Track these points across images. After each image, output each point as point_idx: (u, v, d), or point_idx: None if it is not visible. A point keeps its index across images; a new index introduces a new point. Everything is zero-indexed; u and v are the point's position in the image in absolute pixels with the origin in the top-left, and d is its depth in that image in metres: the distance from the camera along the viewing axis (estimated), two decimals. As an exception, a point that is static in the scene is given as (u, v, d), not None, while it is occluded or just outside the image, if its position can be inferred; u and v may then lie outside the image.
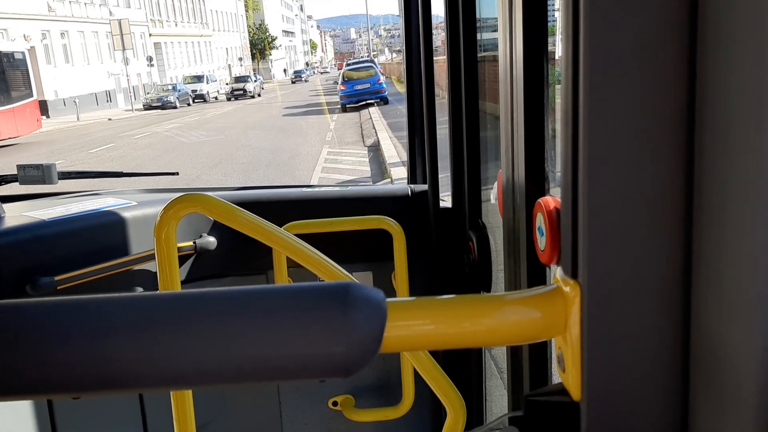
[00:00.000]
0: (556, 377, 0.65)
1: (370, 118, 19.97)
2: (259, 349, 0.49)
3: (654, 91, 0.54)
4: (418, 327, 0.57)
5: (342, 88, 25.88)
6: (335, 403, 2.24)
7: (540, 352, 1.25)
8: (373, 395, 2.28)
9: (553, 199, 0.96)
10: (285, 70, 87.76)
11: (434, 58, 2.04)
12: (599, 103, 0.54)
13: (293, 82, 64.27)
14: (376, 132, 16.37)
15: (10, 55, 21.30)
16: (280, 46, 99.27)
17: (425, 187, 2.12)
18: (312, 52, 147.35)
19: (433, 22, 2.02)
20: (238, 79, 46.45)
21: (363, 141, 16.15)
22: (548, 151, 1.19)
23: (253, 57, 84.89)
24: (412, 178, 2.38)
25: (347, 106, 25.29)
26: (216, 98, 44.35)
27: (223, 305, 0.50)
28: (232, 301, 0.51)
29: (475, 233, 1.70)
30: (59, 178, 2.29)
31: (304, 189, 2.30)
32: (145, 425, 2.04)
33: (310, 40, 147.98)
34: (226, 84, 54.08)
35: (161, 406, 1.71)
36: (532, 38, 1.15)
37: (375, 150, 14.21)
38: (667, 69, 0.54)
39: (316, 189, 2.31)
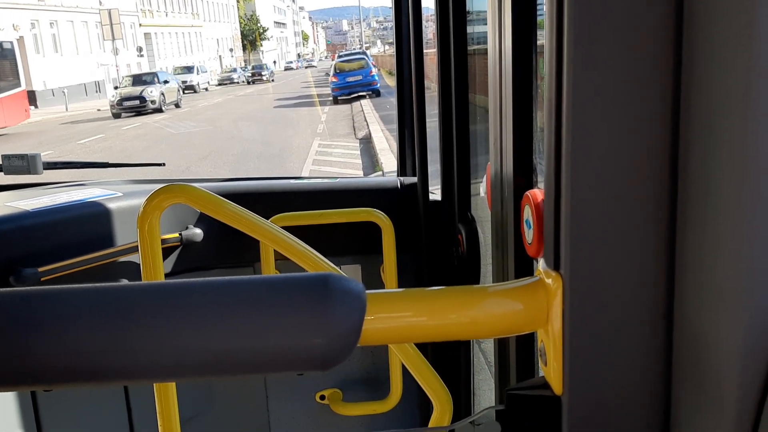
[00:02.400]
0: (542, 371, 0.65)
1: (362, 110, 19.90)
2: (235, 341, 0.48)
3: (638, 84, 0.54)
4: (397, 319, 0.56)
5: (334, 80, 25.73)
6: (323, 397, 2.23)
7: (527, 345, 1.24)
8: (360, 389, 2.27)
9: (541, 191, 0.96)
10: (275, 62, 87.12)
11: (425, 51, 2.05)
12: (583, 96, 0.54)
13: (286, 70, 65.20)
14: (367, 124, 16.33)
15: (-3, 46, 21.14)
16: (272, 37, 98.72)
17: (415, 179, 2.10)
18: (304, 44, 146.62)
19: (424, 14, 2.04)
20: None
21: (355, 133, 16.11)
22: (536, 144, 1.19)
23: (244, 48, 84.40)
24: (401, 171, 2.37)
25: (339, 98, 25.18)
26: (206, 89, 44.04)
27: (199, 296, 0.49)
28: (208, 292, 0.50)
29: (464, 226, 1.69)
30: (44, 169, 2.26)
31: (292, 181, 2.28)
32: (131, 418, 2.03)
33: (302, 31, 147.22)
34: (218, 74, 53.83)
35: (146, 399, 1.68)
36: (521, 31, 1.15)
37: (367, 142, 14.18)
38: (652, 62, 0.53)
39: (305, 181, 2.29)
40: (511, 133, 1.18)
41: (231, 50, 75.83)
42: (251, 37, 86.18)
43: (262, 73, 51.56)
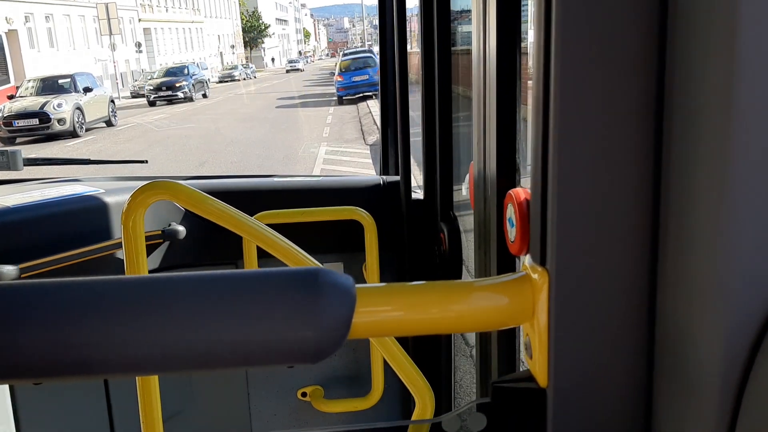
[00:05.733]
0: (525, 365, 0.65)
1: (370, 111, 18.74)
2: (227, 334, 0.48)
3: (623, 82, 0.55)
4: (386, 313, 0.57)
5: (339, 79, 24.58)
6: (304, 394, 2.23)
7: (509, 339, 1.26)
8: (342, 386, 2.27)
9: (523, 190, 0.96)
10: (273, 59, 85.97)
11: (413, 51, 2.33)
12: (569, 94, 0.55)
13: (288, 72, 62.03)
14: (377, 128, 15.19)
15: (-19, 40, 19.81)
16: (273, 34, 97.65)
17: (397, 178, 2.10)
18: (305, 41, 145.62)
19: (409, 14, 2.08)
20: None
21: (364, 138, 14.99)
22: (519, 143, 1.20)
23: (246, 45, 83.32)
24: (384, 169, 2.39)
25: (344, 98, 24.07)
26: (207, 86, 42.95)
27: (190, 289, 0.49)
28: (199, 285, 0.50)
29: (447, 225, 1.72)
30: (24, 165, 2.25)
31: (275, 179, 2.31)
32: (111, 415, 2.02)
33: (304, 28, 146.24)
34: (219, 72, 52.67)
35: (126, 396, 1.74)
36: (506, 31, 1.16)
37: (377, 148, 13.05)
38: (636, 62, 0.54)
39: (288, 179, 2.31)
40: (494, 132, 1.19)
41: (232, 47, 74.74)
42: (253, 33, 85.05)
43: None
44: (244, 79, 51.15)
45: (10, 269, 1.67)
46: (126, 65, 43.15)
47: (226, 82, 49.48)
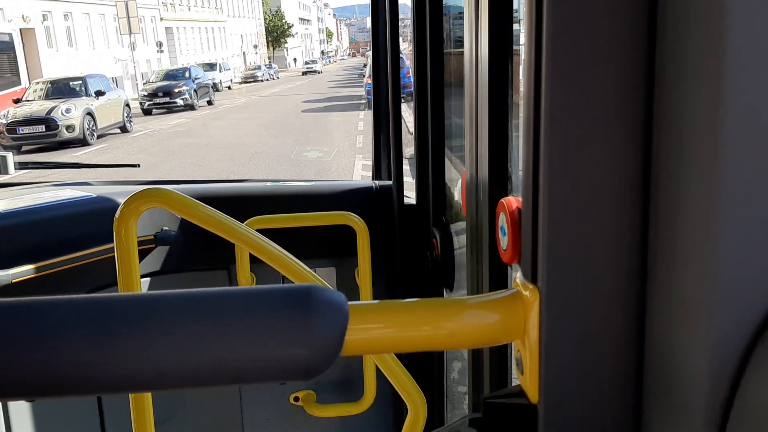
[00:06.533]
0: (516, 379, 0.66)
1: (402, 116, 17.15)
2: (219, 352, 0.49)
3: (613, 96, 0.55)
4: (379, 330, 0.57)
5: (369, 81, 23.01)
6: (296, 399, 2.22)
7: (500, 354, 1.26)
8: (334, 391, 2.27)
9: (515, 199, 0.97)
10: (295, 59, 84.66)
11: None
12: (560, 111, 0.55)
13: (304, 74, 59.05)
14: (412, 137, 13.57)
15: (-8, 38, 18.51)
16: (296, 33, 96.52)
17: (390, 183, 2.10)
18: (328, 41, 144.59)
19: (401, 15, 2.01)
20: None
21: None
22: (512, 151, 1.20)
23: (268, 45, 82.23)
24: (376, 174, 2.40)
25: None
26: (229, 87, 41.58)
27: (181, 307, 0.49)
28: (191, 303, 0.50)
29: (439, 230, 1.72)
30: (16, 169, 2.29)
31: (267, 184, 2.35)
32: (102, 421, 2.00)
33: (326, 28, 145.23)
34: (241, 72, 51.43)
35: (119, 402, 1.79)
36: (498, 39, 1.15)
37: (413, 161, 11.42)
38: (626, 75, 0.55)
39: (280, 184, 2.33)
40: (486, 139, 1.19)
41: (255, 47, 73.65)
42: (276, 33, 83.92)
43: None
44: (267, 79, 49.93)
45: (1, 275, 1.66)
46: (147, 65, 42.05)
47: (249, 82, 48.23)
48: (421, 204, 1.84)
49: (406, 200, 2.04)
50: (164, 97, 25.20)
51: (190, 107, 25.38)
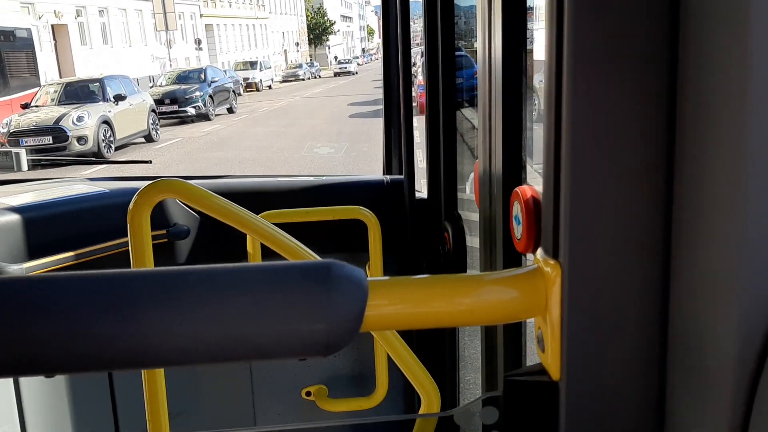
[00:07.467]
0: (530, 360, 0.68)
1: (474, 126, 14.60)
2: (240, 326, 0.49)
3: (636, 78, 0.55)
4: (398, 306, 0.57)
5: (421, 83, 20.48)
6: (308, 393, 2.22)
7: (514, 334, 1.26)
8: (346, 385, 2.27)
9: (530, 188, 0.95)
10: (336, 57, 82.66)
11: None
12: (582, 90, 0.55)
13: (336, 75, 52.47)
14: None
15: (8, 34, 16.52)
16: (338, 31, 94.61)
17: (401, 177, 2.13)
18: (369, 39, 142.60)
19: (413, 13, 2.00)
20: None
21: (473, 153, 10.80)
22: (525, 141, 1.21)
23: (310, 42, 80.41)
24: (387, 169, 2.40)
25: (431, 107, 19.91)
26: (270, 87, 39.52)
27: (203, 282, 0.49)
28: (212, 278, 0.50)
29: (451, 224, 1.74)
30: (29, 166, 2.41)
31: (279, 178, 2.37)
32: (115, 413, 2.00)
33: (368, 25, 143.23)
34: (282, 70, 49.45)
35: (131, 394, 1.69)
36: (511, 29, 1.16)
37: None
38: (648, 58, 0.55)
39: (293, 179, 2.36)
40: (500, 129, 1.19)
41: (297, 44, 71.86)
42: (318, 30, 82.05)
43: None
44: (308, 78, 47.82)
45: (15, 269, 1.69)
46: (186, 63, 40.34)
47: (290, 81, 46.15)
48: (433, 198, 1.90)
49: (418, 194, 2.09)
50: (171, 105, 20.43)
51: (203, 117, 20.85)
